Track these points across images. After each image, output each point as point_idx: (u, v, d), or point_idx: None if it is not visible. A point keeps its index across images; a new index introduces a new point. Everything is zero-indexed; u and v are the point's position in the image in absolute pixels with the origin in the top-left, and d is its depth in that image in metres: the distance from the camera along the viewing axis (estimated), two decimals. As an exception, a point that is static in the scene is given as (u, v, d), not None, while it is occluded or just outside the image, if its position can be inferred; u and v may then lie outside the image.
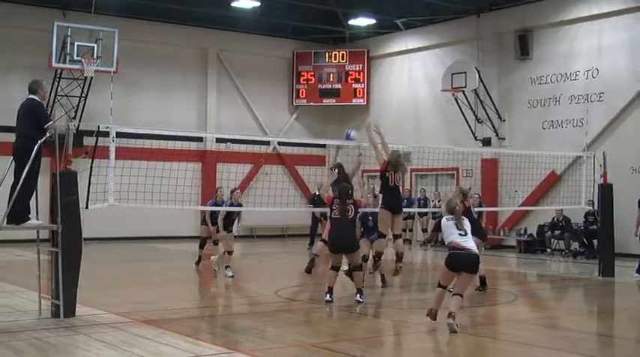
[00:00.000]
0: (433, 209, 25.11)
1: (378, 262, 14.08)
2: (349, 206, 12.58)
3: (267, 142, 28.76)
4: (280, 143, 28.81)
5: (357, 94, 30.03)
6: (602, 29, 22.70)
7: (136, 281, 16.04)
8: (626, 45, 22.16)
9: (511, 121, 24.96)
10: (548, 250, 22.71)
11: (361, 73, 29.98)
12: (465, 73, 24.28)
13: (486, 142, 24.87)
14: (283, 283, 15.33)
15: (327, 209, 20.49)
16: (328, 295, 12.47)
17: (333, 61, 30.15)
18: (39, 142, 10.56)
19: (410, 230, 26.59)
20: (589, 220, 21.39)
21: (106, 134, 12.52)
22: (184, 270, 18.69)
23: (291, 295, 14.11)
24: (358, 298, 12.43)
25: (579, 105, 23.00)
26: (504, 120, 24.98)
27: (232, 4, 26.13)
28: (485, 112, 24.81)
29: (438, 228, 11.45)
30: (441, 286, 10.69)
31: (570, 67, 23.45)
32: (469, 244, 10.48)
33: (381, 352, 9.57)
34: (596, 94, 22.69)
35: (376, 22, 28.30)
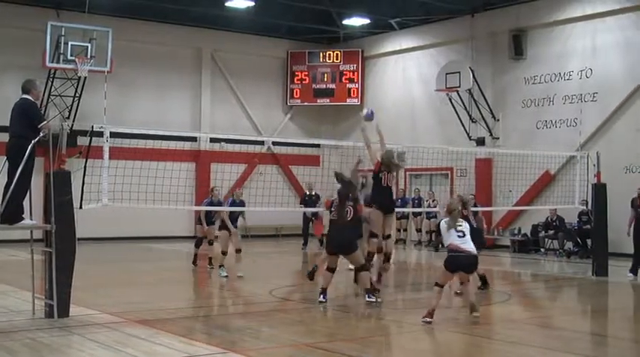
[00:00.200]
0: (427, 209, 25.18)
1: (370, 262, 14.01)
2: (348, 208, 12.48)
3: (261, 142, 28.75)
4: (274, 143, 28.78)
5: (352, 94, 30.03)
6: (596, 29, 22.74)
7: (130, 281, 16.02)
8: (619, 45, 22.20)
9: (505, 120, 24.98)
10: (542, 249, 22.75)
11: (355, 73, 29.98)
12: (459, 72, 24.31)
13: (480, 142, 24.90)
14: (277, 282, 15.32)
15: (318, 209, 20.44)
16: (322, 296, 12.43)
17: (328, 61, 30.15)
18: (32, 141, 10.54)
19: (404, 230, 26.62)
20: (583, 220, 21.43)
21: (99, 134, 12.51)
22: (178, 270, 18.68)
23: (285, 295, 14.11)
24: (367, 298, 12.31)
25: (573, 105, 23.03)
26: (498, 120, 25.01)
27: (226, 4, 26.11)
28: (480, 111, 24.83)
29: (439, 231, 11.62)
30: (438, 285, 10.90)
31: (564, 67, 23.48)
32: (468, 245, 10.80)
33: (376, 351, 9.57)
34: (590, 94, 22.73)
35: (370, 22, 28.30)
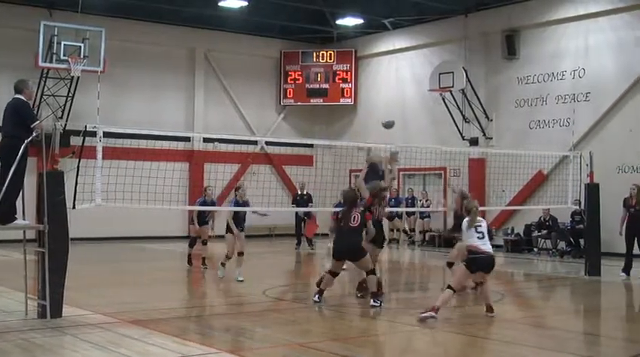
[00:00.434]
0: (421, 209, 25.20)
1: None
2: (355, 214, 12.26)
3: (254, 142, 28.74)
4: (268, 143, 28.79)
5: (345, 94, 30.03)
6: (589, 29, 22.79)
7: (123, 281, 15.98)
8: (612, 45, 22.26)
9: (498, 120, 25.02)
10: (535, 249, 22.78)
11: (349, 73, 29.99)
12: (453, 72, 24.34)
13: (474, 142, 24.93)
14: (271, 282, 15.31)
15: (310, 208, 20.11)
16: (317, 296, 12.33)
17: (321, 60, 30.15)
18: (25, 141, 10.52)
19: (397, 230, 26.64)
20: (576, 220, 21.47)
21: (93, 134, 12.48)
22: (172, 270, 18.67)
23: (278, 295, 14.12)
24: (372, 302, 12.06)
25: (566, 105, 23.08)
26: (491, 120, 25.04)
27: (220, 4, 26.08)
28: (473, 111, 24.86)
29: (457, 229, 11.68)
30: (451, 289, 11.04)
31: (557, 66, 23.53)
32: (487, 246, 11.05)
33: (369, 351, 9.57)
34: (583, 94, 22.78)
35: (364, 21, 28.32)
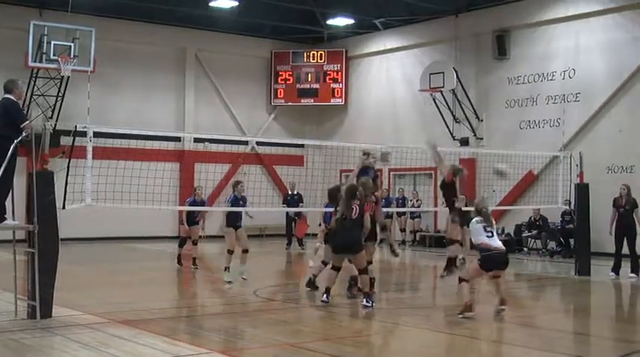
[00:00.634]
0: (411, 209, 25.21)
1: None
2: (353, 206, 12.11)
3: (245, 142, 28.73)
4: (258, 143, 28.76)
5: (336, 94, 30.04)
6: (579, 30, 22.85)
7: (114, 281, 15.93)
8: (602, 45, 22.32)
9: (489, 121, 25.06)
10: (526, 249, 22.84)
11: (339, 73, 29.99)
12: (443, 73, 24.38)
13: (464, 142, 24.96)
14: (261, 282, 15.30)
15: (301, 209, 19.92)
16: (325, 296, 12.13)
17: (312, 60, 30.15)
18: (15, 141, 10.48)
19: (388, 230, 26.62)
20: (566, 220, 21.53)
21: (83, 134, 12.45)
22: (162, 270, 18.64)
23: (269, 295, 14.11)
24: (364, 302, 11.96)
25: (556, 105, 23.14)
26: (482, 120, 25.09)
27: (210, 4, 26.06)
28: (463, 112, 24.90)
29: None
30: (464, 280, 11.48)
31: (547, 67, 23.59)
32: (497, 243, 11.32)
33: (360, 351, 9.55)
34: (573, 95, 22.84)
35: (354, 22, 28.33)
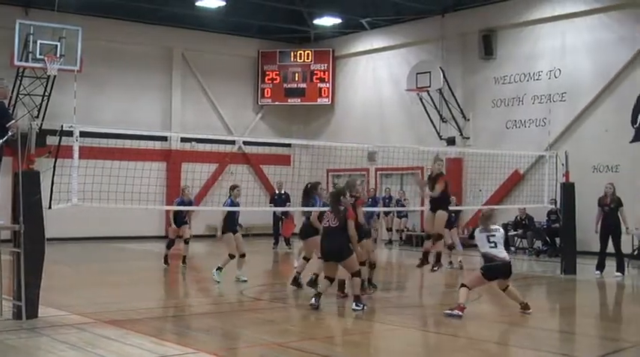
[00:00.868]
0: (398, 208, 25.19)
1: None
2: (337, 213, 12.02)
3: (232, 142, 28.74)
4: (245, 143, 28.77)
5: (322, 94, 30.06)
6: (565, 30, 22.95)
7: (101, 281, 15.88)
8: (588, 45, 22.41)
9: (475, 120, 25.14)
10: (512, 248, 22.89)
11: (326, 73, 30.01)
12: (430, 72, 24.42)
13: (451, 142, 25.02)
14: (249, 282, 15.27)
15: (288, 208, 19.91)
16: (314, 299, 11.88)
17: (298, 60, 30.16)
18: (1, 141, 10.44)
19: (375, 230, 26.62)
20: (552, 219, 21.62)
21: (69, 133, 12.39)
22: (150, 270, 18.59)
23: (256, 295, 14.09)
24: (354, 306, 11.79)
25: (542, 105, 23.24)
26: (468, 119, 25.16)
27: (197, 4, 26.03)
28: (450, 111, 24.96)
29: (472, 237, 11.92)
30: (465, 287, 11.46)
31: (533, 67, 23.68)
32: (502, 254, 11.36)
33: (347, 351, 9.57)
34: (559, 94, 22.94)
35: (341, 21, 28.36)
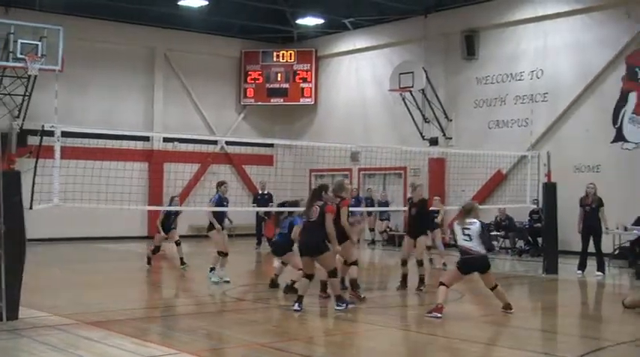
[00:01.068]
0: (379, 208, 25.15)
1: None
2: (315, 207, 11.92)
3: (214, 142, 28.66)
4: (228, 143, 28.72)
5: (305, 94, 30.04)
6: (547, 31, 23.03)
7: (83, 282, 15.80)
8: (570, 46, 22.51)
9: (458, 120, 25.20)
10: (496, 248, 22.95)
11: (309, 73, 30.00)
12: (413, 72, 24.44)
13: (433, 142, 25.05)
14: (231, 282, 15.24)
15: (271, 208, 19.93)
16: (297, 305, 11.73)
17: (281, 60, 30.12)
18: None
19: (361, 229, 26.59)
20: (534, 219, 21.70)
21: (50, 134, 12.33)
22: (132, 271, 18.51)
23: (239, 295, 14.07)
24: (336, 307, 11.73)
25: (524, 105, 23.32)
26: (451, 120, 25.22)
27: (179, 3, 25.96)
28: (433, 111, 25.00)
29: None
30: (443, 285, 11.47)
31: (515, 67, 23.76)
32: (476, 247, 11.33)
33: (329, 351, 9.57)
34: (541, 95, 23.03)
35: (324, 21, 28.36)
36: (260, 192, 24.59)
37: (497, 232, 22.76)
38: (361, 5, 27.06)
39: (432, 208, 14.96)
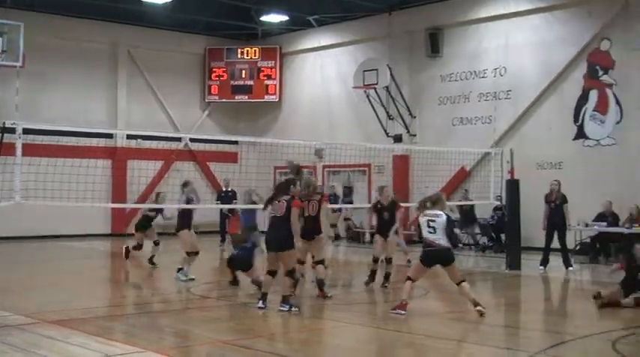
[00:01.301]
0: (343, 205, 25.14)
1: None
2: (281, 203, 11.74)
3: (178, 139, 28.55)
4: (192, 140, 28.58)
5: (270, 91, 30.00)
6: (510, 29, 23.19)
7: (45, 281, 15.63)
8: (532, 44, 22.69)
9: (422, 117, 25.31)
10: (460, 244, 23.09)
11: (273, 70, 29.96)
12: (377, 70, 24.51)
13: (398, 139, 25.12)
14: (196, 280, 15.18)
15: (234, 205, 19.87)
16: (261, 302, 11.71)
17: (246, 57, 30.06)
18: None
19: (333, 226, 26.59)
20: (497, 215, 21.85)
21: (12, 131, 12.19)
22: (96, 269, 18.39)
23: (203, 293, 14.02)
24: (280, 307, 11.54)
25: (488, 102, 23.49)
26: (415, 117, 25.32)
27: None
28: (397, 108, 25.09)
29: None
30: (410, 280, 11.47)
31: (479, 65, 23.91)
32: (438, 240, 11.24)
33: (294, 348, 9.57)
34: (504, 92, 23.21)
35: (288, 18, 28.31)
36: (224, 189, 24.50)
37: (462, 230, 22.87)
38: (325, 2, 27.06)
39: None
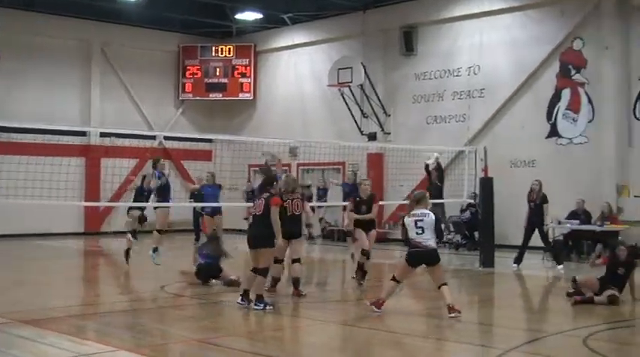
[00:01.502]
0: (318, 203, 25.11)
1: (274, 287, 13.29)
2: (260, 200, 11.78)
3: (152, 137, 28.40)
4: (166, 138, 28.45)
5: (244, 89, 29.95)
6: (483, 27, 23.30)
7: (17, 280, 15.44)
8: (506, 43, 22.80)
9: (396, 116, 25.38)
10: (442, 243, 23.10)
11: (248, 68, 29.90)
12: (351, 68, 24.54)
13: (372, 137, 25.17)
14: (169, 279, 15.13)
15: (208, 204, 19.98)
16: (240, 298, 11.70)
17: (220, 55, 29.97)
18: None
19: (309, 225, 26.48)
20: (471, 213, 21.94)
21: (-17, 129, 12.09)
22: (69, 267, 18.26)
23: (177, 291, 13.97)
24: (255, 306, 11.45)
25: (462, 101, 23.59)
26: (389, 115, 25.37)
27: (116, -4, 25.64)
28: (371, 107, 25.12)
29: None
30: (394, 280, 11.37)
31: (453, 63, 23.99)
32: (426, 241, 11.18)
33: (268, 346, 9.55)
34: (478, 91, 23.31)
35: (263, 16, 28.26)
36: (197, 187, 24.36)
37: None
38: (300, 1, 27.05)
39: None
